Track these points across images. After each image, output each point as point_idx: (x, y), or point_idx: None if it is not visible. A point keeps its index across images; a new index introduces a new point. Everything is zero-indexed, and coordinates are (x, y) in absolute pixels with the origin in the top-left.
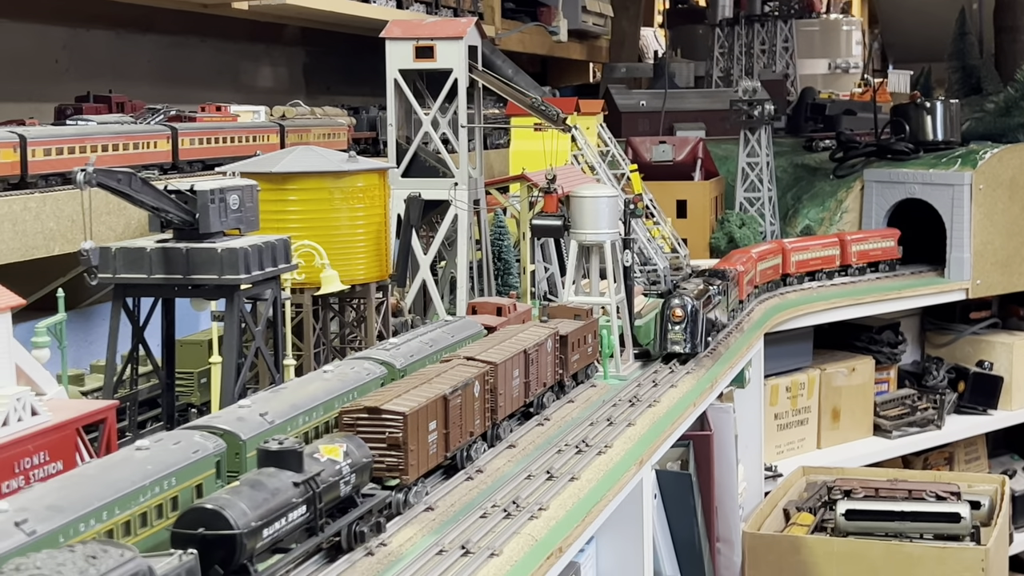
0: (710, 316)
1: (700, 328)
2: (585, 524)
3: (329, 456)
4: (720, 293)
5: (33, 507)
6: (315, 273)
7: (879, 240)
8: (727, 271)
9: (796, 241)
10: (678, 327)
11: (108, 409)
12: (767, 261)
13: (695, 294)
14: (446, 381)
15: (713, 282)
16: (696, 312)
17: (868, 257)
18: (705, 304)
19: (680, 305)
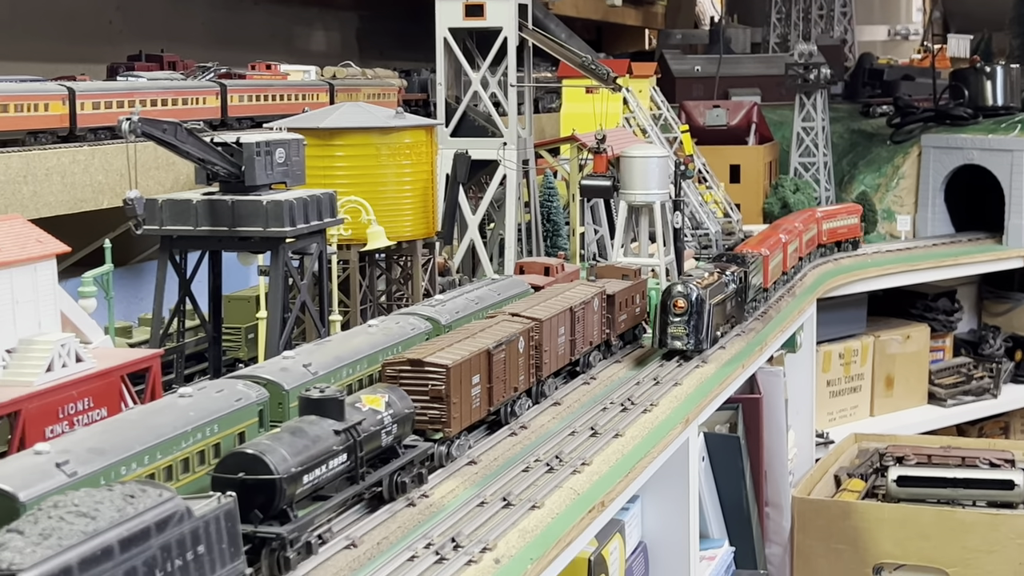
0: (721, 307)
1: (706, 321)
2: (628, 480)
3: (371, 406)
4: (736, 281)
5: (75, 449)
6: (361, 229)
7: (845, 216)
8: (746, 256)
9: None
10: (680, 319)
11: (152, 358)
12: (810, 231)
13: (703, 282)
14: (490, 336)
15: (728, 268)
16: (702, 303)
17: (836, 235)
18: (715, 294)
19: (683, 294)
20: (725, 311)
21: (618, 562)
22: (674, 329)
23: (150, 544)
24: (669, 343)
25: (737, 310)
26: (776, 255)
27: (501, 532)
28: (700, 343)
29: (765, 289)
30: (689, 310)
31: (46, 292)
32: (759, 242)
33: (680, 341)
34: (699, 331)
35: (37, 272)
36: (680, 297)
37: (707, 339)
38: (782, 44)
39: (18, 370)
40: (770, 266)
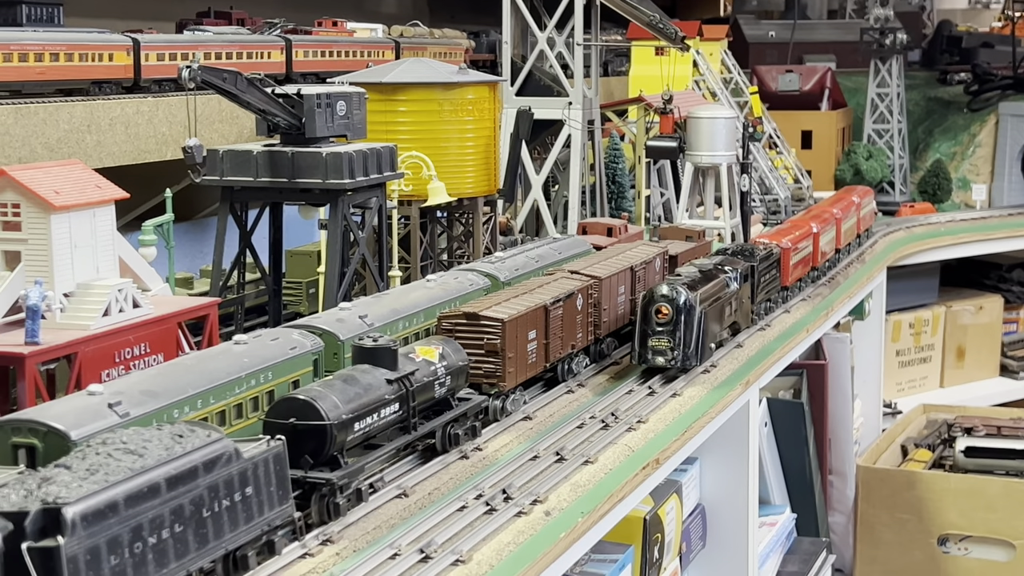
0: (718, 313)
1: (696, 332)
2: (684, 439)
3: (424, 357)
4: (739, 279)
5: (128, 391)
6: (422, 185)
7: None
8: (755, 249)
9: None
10: (663, 330)
11: (210, 306)
12: (849, 219)
13: (694, 282)
14: (548, 292)
15: (730, 265)
16: (691, 309)
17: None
18: (710, 297)
19: (668, 299)
20: (723, 317)
21: (674, 523)
22: (656, 342)
23: (197, 483)
24: (649, 359)
25: (741, 314)
26: (801, 248)
27: (552, 485)
28: (687, 359)
29: (785, 288)
30: (675, 318)
31: (104, 237)
32: (786, 231)
33: (663, 357)
34: (686, 344)
35: (95, 217)
36: (664, 302)
37: (696, 354)
38: (859, 10)
39: (75, 314)
40: (791, 261)
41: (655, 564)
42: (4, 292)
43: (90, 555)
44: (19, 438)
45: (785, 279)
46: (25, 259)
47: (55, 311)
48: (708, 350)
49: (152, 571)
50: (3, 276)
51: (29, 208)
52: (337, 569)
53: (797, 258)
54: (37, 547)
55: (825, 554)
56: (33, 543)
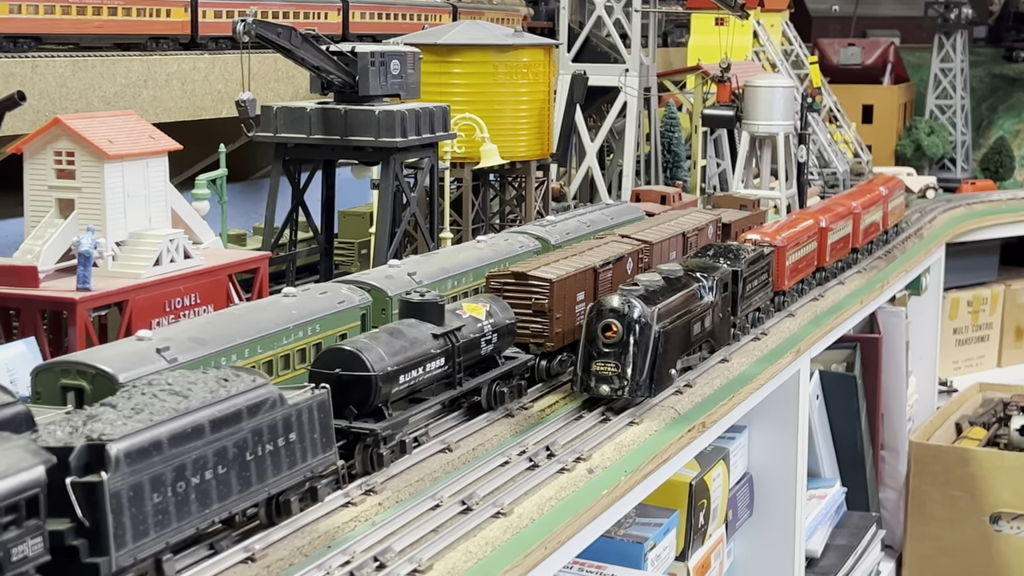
0: (683, 330)
1: (650, 356)
2: (732, 404)
3: (472, 314)
4: (718, 289)
5: (177, 338)
6: (475, 147)
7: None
8: (741, 249)
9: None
10: (610, 351)
11: (260, 259)
12: (872, 211)
13: (654, 293)
14: (598, 255)
15: (705, 272)
16: (645, 328)
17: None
18: (673, 312)
19: (617, 314)
20: (691, 335)
21: (721, 489)
22: (600, 366)
23: (241, 427)
24: (592, 386)
25: (719, 329)
26: (802, 246)
27: (596, 444)
28: (636, 389)
29: (781, 292)
30: (624, 338)
31: (157, 188)
32: (785, 226)
33: (607, 384)
34: (637, 370)
35: (149, 168)
36: (612, 318)
37: (649, 383)
38: None
39: (127, 262)
40: (788, 262)
41: (700, 530)
42: (57, 239)
43: (133, 492)
44: (68, 380)
45: (780, 283)
46: (79, 207)
47: (107, 259)
48: (667, 377)
49: (195, 510)
50: (57, 223)
51: (83, 157)
52: (379, 518)
53: (796, 258)
54: (81, 482)
55: (875, 529)
56: (77, 478)
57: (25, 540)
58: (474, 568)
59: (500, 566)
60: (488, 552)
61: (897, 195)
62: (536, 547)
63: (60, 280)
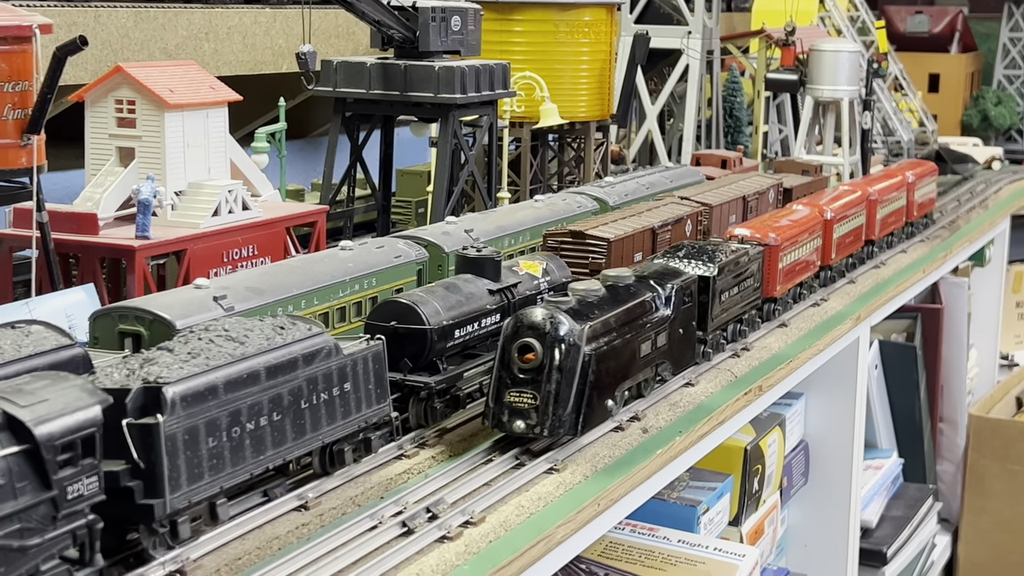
0: (627, 353)
1: (577, 386)
2: (790, 368)
3: (528, 271)
4: (678, 300)
5: (234, 287)
6: (535, 107)
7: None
8: (718, 249)
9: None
10: (526, 379)
11: (319, 212)
12: (890, 202)
13: (590, 306)
14: (656, 216)
15: (663, 280)
16: (572, 350)
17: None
18: (612, 332)
19: (536, 331)
20: (637, 358)
21: (776, 455)
22: (515, 396)
23: (296, 375)
24: (504, 421)
25: (679, 347)
26: (802, 244)
27: (651, 405)
28: (558, 426)
29: (772, 299)
30: (545, 363)
31: (217, 139)
32: (779, 217)
33: (522, 419)
34: (559, 403)
35: (209, 118)
36: (531, 337)
37: (576, 419)
38: None
39: (186, 212)
40: (781, 264)
41: (754, 496)
42: (117, 187)
43: (188, 435)
44: (126, 325)
45: (770, 288)
46: (139, 156)
47: (166, 208)
48: (602, 409)
49: (249, 456)
50: (117, 172)
51: (144, 105)
52: (432, 471)
53: (793, 258)
54: (137, 424)
55: (931, 501)
56: (133, 420)
57: (80, 479)
58: (526, 522)
59: (552, 520)
60: (540, 507)
61: (927, 182)
62: (589, 503)
63: (119, 228)
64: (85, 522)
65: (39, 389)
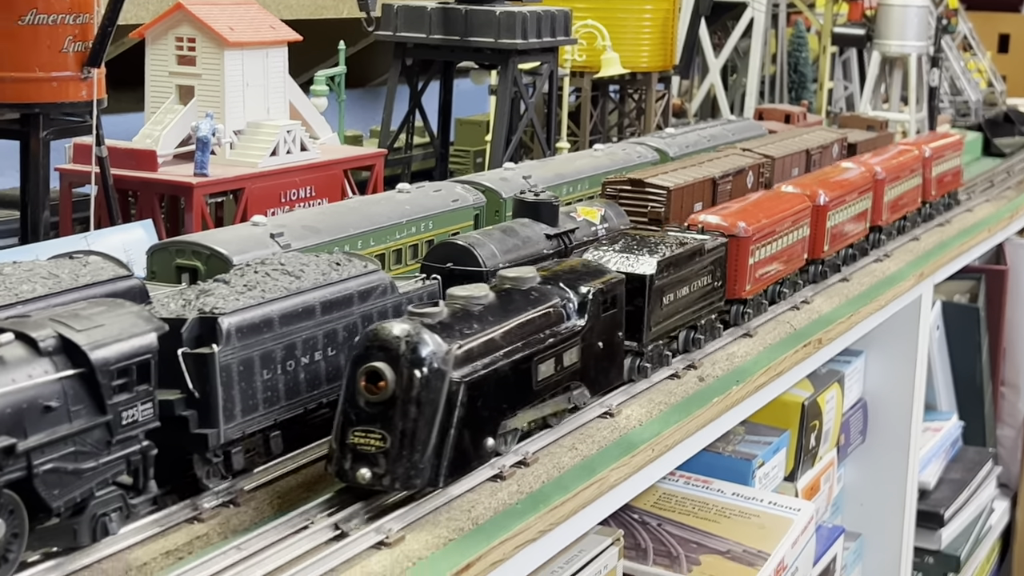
0: (519, 382)
1: (439, 421)
2: (850, 322)
3: (586, 217)
4: (588, 307)
5: (291, 225)
6: (596, 56)
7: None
8: (665, 243)
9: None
10: (374, 414)
11: (377, 156)
12: (901, 182)
13: (460, 319)
14: (717, 167)
15: (570, 280)
16: (435, 376)
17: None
18: (493, 350)
19: (388, 353)
20: (533, 381)
21: (834, 412)
22: (361, 436)
23: (352, 311)
24: (348, 468)
25: (599, 365)
26: (782, 235)
27: (707, 354)
28: (412, 474)
29: (741, 300)
30: (397, 396)
31: (276, 79)
32: (755, 204)
33: (368, 466)
34: (416, 445)
35: (268, 57)
36: (381, 361)
37: (434, 463)
38: None
39: (244, 151)
40: (752, 259)
41: (811, 452)
42: (176, 125)
43: (243, 366)
44: (183, 260)
45: (737, 287)
46: (198, 94)
47: (225, 146)
48: (479, 451)
49: (303, 391)
50: (176, 109)
51: (204, 43)
52: None
53: (769, 252)
54: (192, 353)
55: (991, 465)
56: (189, 349)
57: (135, 405)
58: (580, 464)
59: (606, 463)
60: (594, 450)
61: (949, 157)
62: (643, 448)
63: (178, 166)
64: (139, 448)
65: (95, 315)
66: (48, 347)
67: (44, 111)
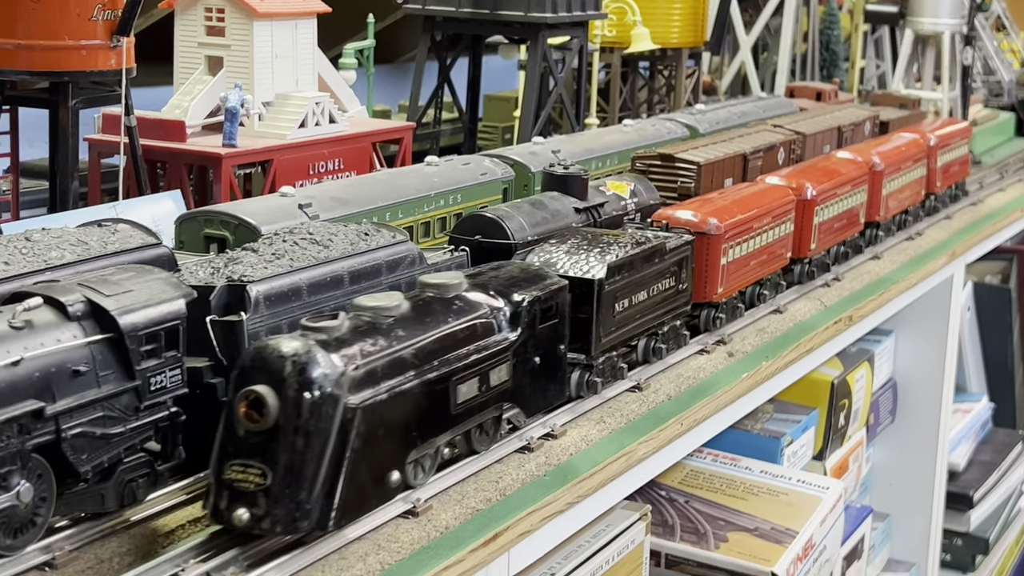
0: (429, 405)
1: (329, 456)
2: (882, 300)
3: (615, 191)
4: (521, 318)
5: (319, 196)
6: (626, 31)
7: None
8: (618, 242)
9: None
10: (254, 446)
11: (405, 129)
12: (902, 173)
13: (361, 334)
14: (748, 142)
15: (501, 288)
16: (325, 402)
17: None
18: (400, 370)
19: (271, 375)
20: (449, 405)
21: (864, 391)
22: (238, 472)
23: (380, 281)
24: (224, 508)
25: (533, 383)
26: (761, 231)
27: (738, 329)
28: (297, 516)
29: (707, 304)
30: (280, 425)
31: (305, 50)
32: (728, 197)
33: (248, 507)
34: (302, 485)
35: (297, 29)
36: (261, 385)
37: (324, 503)
38: None
39: (273, 122)
40: (725, 259)
41: (840, 431)
42: (205, 96)
43: (271, 334)
44: (211, 229)
45: (707, 290)
46: (227, 65)
47: (253, 118)
48: (381, 488)
49: None
50: (205, 80)
51: (233, 14)
52: None
53: (746, 250)
54: (220, 321)
55: (1021, 447)
56: (217, 317)
57: (164, 371)
58: (607, 437)
59: (634, 437)
60: (623, 423)
61: (955, 146)
62: (671, 423)
63: (207, 136)
64: (168, 414)
65: (124, 280)
66: (77, 312)
67: (73, 79)
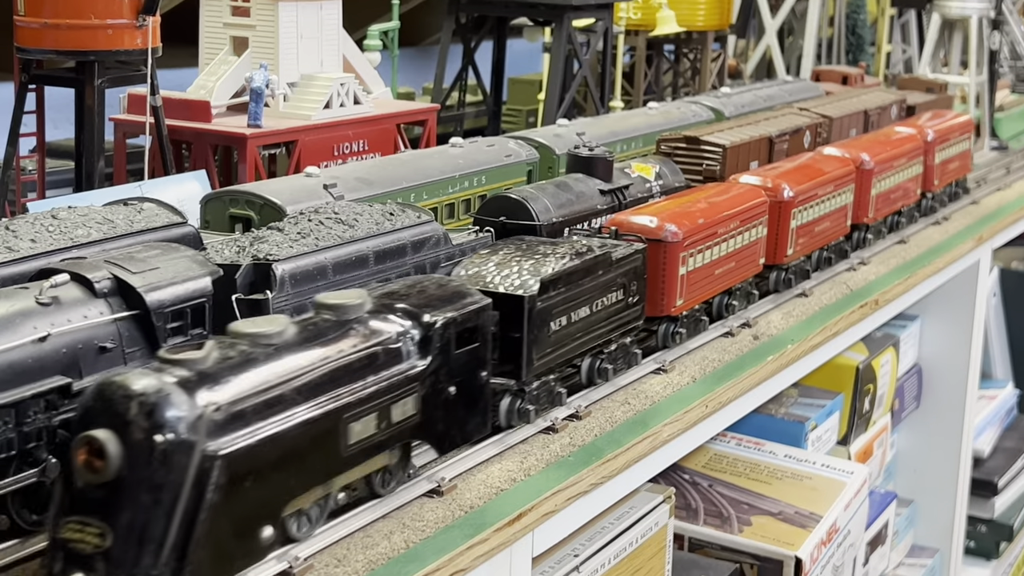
0: (310, 447)
1: (180, 513)
2: (908, 284)
3: (640, 174)
4: (433, 344)
5: (344, 177)
6: (652, 14)
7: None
8: (557, 251)
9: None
10: (94, 502)
11: (429, 111)
12: (895, 171)
13: (229, 368)
14: (774, 125)
15: (409, 309)
16: (180, 449)
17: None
18: (277, 409)
19: (115, 418)
20: (340, 447)
21: (889, 376)
22: (75, 531)
23: (405, 261)
24: (58, 572)
25: (453, 414)
26: (727, 236)
27: (763, 313)
28: (154, 568)
29: (670, 318)
30: (123, 476)
31: (330, 31)
32: (695, 202)
33: (84, 570)
34: (147, 547)
35: (322, 10)
36: (103, 430)
37: (172, 571)
38: None
39: (298, 103)
40: (685, 268)
41: (864, 416)
42: (230, 76)
43: (297, 312)
44: (236, 209)
45: (664, 303)
46: (252, 46)
47: (278, 99)
48: (250, 546)
49: None
50: (231, 61)
51: None
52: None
53: (709, 258)
54: (246, 299)
55: None
56: (243, 295)
57: None
58: (633, 418)
59: (659, 419)
60: (647, 405)
61: (955, 141)
62: (696, 405)
63: (232, 117)
64: None
65: (150, 258)
66: (103, 288)
67: (99, 58)
